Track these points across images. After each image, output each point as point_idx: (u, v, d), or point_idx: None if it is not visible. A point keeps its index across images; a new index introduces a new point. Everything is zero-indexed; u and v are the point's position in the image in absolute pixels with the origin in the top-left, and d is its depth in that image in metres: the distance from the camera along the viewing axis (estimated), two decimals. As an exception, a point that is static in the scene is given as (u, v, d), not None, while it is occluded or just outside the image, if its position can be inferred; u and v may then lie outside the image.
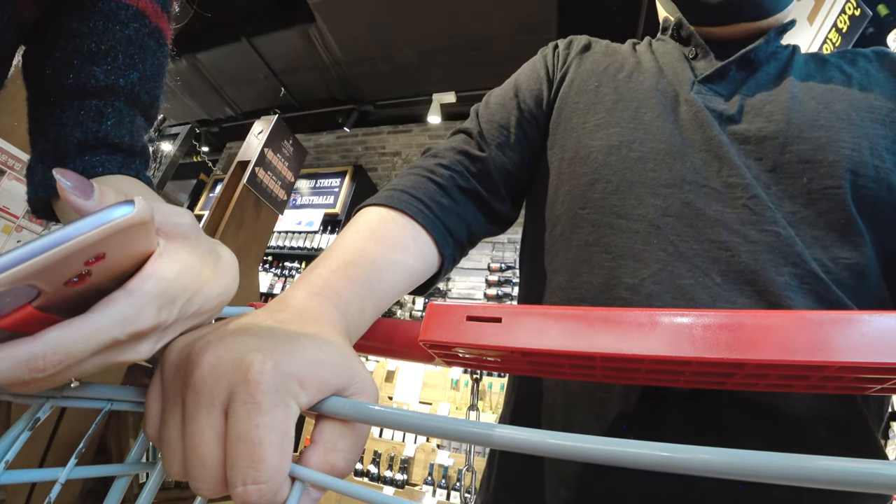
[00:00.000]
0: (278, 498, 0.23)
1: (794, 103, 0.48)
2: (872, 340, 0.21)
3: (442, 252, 0.48)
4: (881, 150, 0.44)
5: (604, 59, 0.60)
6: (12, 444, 0.22)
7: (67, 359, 0.20)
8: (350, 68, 4.36)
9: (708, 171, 0.46)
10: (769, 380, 0.27)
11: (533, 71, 0.62)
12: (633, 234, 0.46)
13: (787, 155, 0.45)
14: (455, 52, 3.87)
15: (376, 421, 0.24)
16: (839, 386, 0.25)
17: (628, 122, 0.51)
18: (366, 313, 0.37)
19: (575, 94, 0.57)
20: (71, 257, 0.18)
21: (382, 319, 0.41)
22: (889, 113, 0.46)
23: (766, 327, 0.24)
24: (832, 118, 0.46)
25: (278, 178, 3.17)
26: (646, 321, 0.30)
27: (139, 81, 0.42)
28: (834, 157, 0.43)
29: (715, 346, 0.26)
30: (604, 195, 0.49)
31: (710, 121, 0.48)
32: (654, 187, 0.47)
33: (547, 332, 0.33)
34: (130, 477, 0.27)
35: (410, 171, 0.52)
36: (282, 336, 0.26)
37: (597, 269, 0.47)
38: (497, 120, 0.57)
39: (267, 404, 0.23)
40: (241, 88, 4.85)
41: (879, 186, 0.43)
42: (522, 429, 0.21)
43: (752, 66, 0.53)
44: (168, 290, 0.24)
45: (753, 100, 0.50)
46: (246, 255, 2.77)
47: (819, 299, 0.40)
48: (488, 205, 0.55)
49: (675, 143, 0.48)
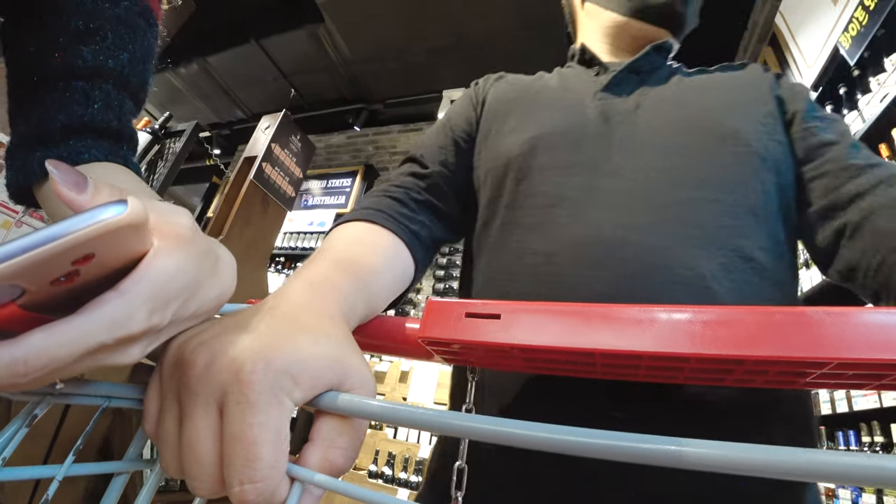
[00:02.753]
0: (276, 497, 0.23)
1: (682, 95, 0.59)
2: (872, 336, 0.20)
3: (414, 255, 0.53)
4: (754, 121, 0.55)
5: (516, 82, 0.71)
6: (9, 441, 0.22)
7: (51, 363, 0.19)
8: (359, 68, 4.37)
9: (602, 156, 0.54)
10: (768, 376, 0.26)
11: (461, 103, 0.72)
12: (539, 209, 0.54)
13: (682, 129, 0.55)
14: (464, 49, 3.86)
15: (374, 415, 0.24)
16: (838, 383, 0.25)
17: (537, 123, 0.60)
18: (357, 311, 0.37)
19: (494, 109, 0.67)
20: (56, 258, 0.17)
21: (381, 316, 0.41)
22: (755, 98, 0.59)
23: (766, 324, 0.24)
24: (715, 102, 0.58)
25: (286, 174, 3.07)
26: (645, 317, 0.29)
27: (129, 63, 0.39)
28: (717, 126, 0.54)
29: (714, 342, 0.26)
30: (515, 182, 0.57)
31: (609, 119, 0.58)
32: (557, 169, 0.55)
33: (546, 328, 0.32)
34: (129, 475, 0.27)
35: (369, 195, 0.58)
36: (276, 332, 0.26)
37: (511, 245, 0.54)
38: (436, 143, 0.66)
39: (260, 403, 0.23)
40: (251, 91, 4.89)
41: (759, 146, 0.53)
42: (520, 422, 0.21)
43: (643, 75, 0.63)
44: (161, 292, 0.22)
45: (649, 97, 0.60)
46: (253, 252, 2.70)
47: (693, 238, 0.47)
48: (442, 212, 0.61)
49: (576, 136, 0.57)
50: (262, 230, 2.80)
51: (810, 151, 0.55)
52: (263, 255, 2.82)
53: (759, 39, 2.95)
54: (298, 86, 4.72)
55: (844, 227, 0.48)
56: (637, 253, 0.46)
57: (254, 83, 4.74)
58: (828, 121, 0.57)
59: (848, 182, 0.50)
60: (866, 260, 0.45)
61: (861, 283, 0.46)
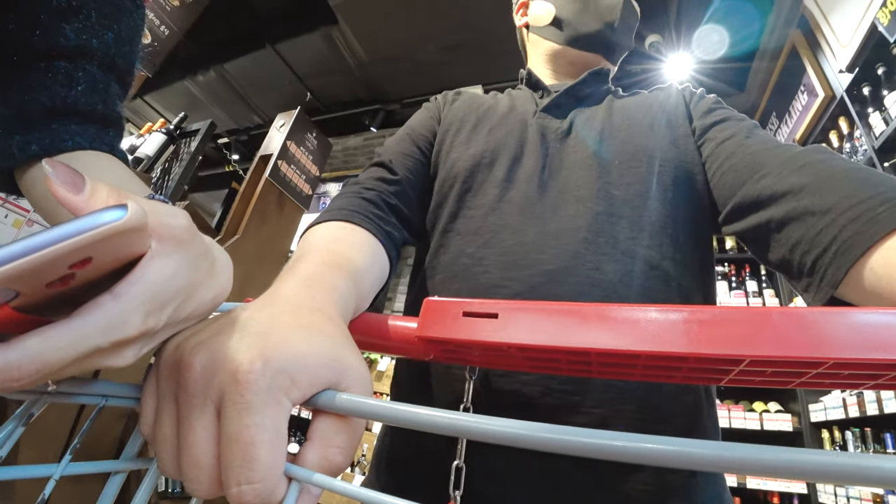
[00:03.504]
0: (274, 498, 0.23)
1: (609, 117, 0.66)
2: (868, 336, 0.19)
3: (389, 255, 0.55)
4: (669, 142, 0.61)
5: (471, 100, 0.76)
6: (6, 440, 0.22)
7: (45, 367, 0.19)
8: (374, 68, 4.38)
9: (536, 169, 0.61)
10: (765, 376, 0.25)
11: (423, 115, 0.78)
12: (476, 217, 0.59)
13: (604, 147, 0.61)
14: (479, 45, 3.83)
15: (372, 415, 0.24)
16: (834, 382, 0.24)
17: (483, 139, 0.66)
18: (350, 308, 0.37)
19: (448, 123, 0.73)
20: (53, 262, 0.17)
21: (378, 315, 0.41)
22: (668, 122, 0.65)
23: (764, 324, 0.23)
24: (635, 124, 0.64)
25: (302, 172, 3.00)
26: (641, 317, 0.29)
27: (114, 43, 0.37)
28: (634, 147, 0.60)
29: (712, 341, 0.25)
30: (459, 193, 0.63)
31: (544, 137, 0.64)
32: (496, 182, 0.61)
33: (543, 327, 0.32)
34: (126, 474, 0.27)
35: (340, 195, 0.60)
36: (273, 332, 0.26)
37: (451, 249, 0.59)
38: (401, 150, 0.70)
39: (258, 403, 0.22)
40: (268, 95, 4.95)
41: (669, 164, 0.59)
42: (519, 422, 0.20)
43: (580, 98, 0.71)
44: (158, 295, 0.22)
45: (581, 118, 0.67)
46: (269, 251, 2.64)
47: (603, 246, 0.53)
48: (408, 219, 0.64)
49: (516, 153, 0.63)
50: (278, 229, 2.75)
51: (711, 156, 0.59)
52: (280, 254, 2.77)
53: (786, 23, 2.83)
54: (314, 89, 4.75)
55: (769, 220, 0.48)
56: (553, 257, 0.52)
57: (270, 88, 4.80)
58: (724, 121, 0.62)
59: (752, 170, 0.51)
60: (798, 256, 0.44)
61: (795, 275, 0.46)
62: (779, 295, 3.01)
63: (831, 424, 2.50)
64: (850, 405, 2.28)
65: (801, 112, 2.68)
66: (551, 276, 0.51)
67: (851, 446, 2.33)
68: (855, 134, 2.25)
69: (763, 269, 3.12)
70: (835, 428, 2.48)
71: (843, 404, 2.32)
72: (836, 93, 2.35)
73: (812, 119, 2.54)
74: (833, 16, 2.43)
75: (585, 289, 0.49)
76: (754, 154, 0.52)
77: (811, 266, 0.42)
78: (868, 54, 2.15)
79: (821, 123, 2.52)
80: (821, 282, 0.41)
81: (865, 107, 2.16)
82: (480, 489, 0.45)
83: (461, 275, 0.56)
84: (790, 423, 2.65)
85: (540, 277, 0.51)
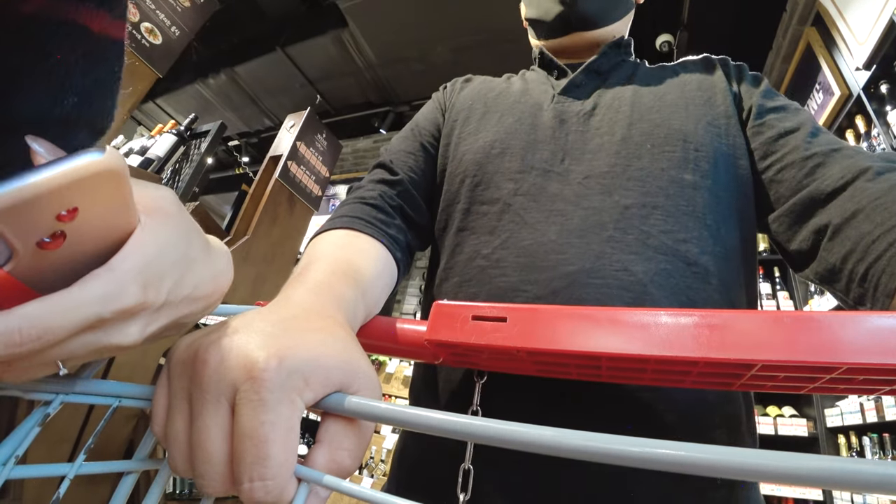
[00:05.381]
0: (285, 496, 0.23)
1: (637, 98, 0.59)
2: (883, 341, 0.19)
3: (396, 260, 0.53)
4: (704, 123, 0.55)
5: (480, 86, 0.71)
6: (23, 439, 0.23)
7: (46, 333, 0.19)
8: (384, 71, 4.40)
9: (553, 159, 0.55)
10: (777, 381, 0.25)
11: (429, 107, 0.73)
12: (491, 215, 0.55)
13: (633, 131, 0.55)
14: (490, 45, 3.82)
15: (381, 418, 0.24)
16: (847, 388, 0.23)
17: (493, 128, 0.61)
18: (358, 317, 0.37)
19: (456, 113, 0.68)
20: (38, 202, 0.17)
21: (388, 318, 0.41)
22: (707, 100, 0.58)
23: (776, 328, 0.23)
24: (668, 104, 0.57)
25: (312, 173, 3.00)
26: (651, 321, 0.29)
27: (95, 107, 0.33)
28: (668, 129, 0.54)
29: (722, 346, 0.25)
30: (471, 188, 0.58)
31: (564, 122, 0.58)
32: (509, 174, 0.56)
33: (552, 332, 0.32)
34: (138, 475, 0.28)
35: (343, 203, 0.59)
36: (287, 333, 0.26)
37: (465, 249, 0.55)
38: (403, 148, 0.66)
39: (272, 401, 0.23)
40: (279, 98, 4.99)
41: (707, 148, 0.53)
42: (527, 426, 0.20)
43: (602, 76, 0.64)
44: (152, 264, 0.22)
45: (605, 99, 0.60)
46: (280, 252, 2.64)
47: (639, 242, 0.48)
48: (412, 219, 0.62)
49: (529, 141, 0.58)
50: (288, 230, 2.76)
51: (768, 146, 0.54)
52: (291, 255, 2.78)
53: (801, 20, 2.78)
54: (324, 91, 4.79)
55: (825, 227, 0.45)
56: (575, 257, 0.47)
57: (280, 91, 4.84)
58: (784, 110, 0.56)
59: (816, 172, 0.48)
60: (850, 266, 0.42)
61: (843, 288, 0.44)
62: (793, 297, 2.95)
63: (848, 430, 2.45)
64: (867, 410, 2.23)
65: (816, 110, 2.63)
66: (573, 278, 0.46)
67: (869, 453, 2.28)
68: (872, 132, 2.20)
69: (777, 272, 3.07)
70: (851, 433, 2.43)
71: (861, 409, 2.27)
72: (853, 91, 2.30)
73: (828, 117, 2.49)
74: (849, 12, 2.38)
75: (612, 291, 0.45)
76: (825, 155, 0.48)
77: (863, 274, 0.40)
78: (886, 51, 2.09)
79: (837, 122, 2.47)
80: (875, 291, 0.38)
81: (883, 105, 2.11)
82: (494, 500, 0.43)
83: (477, 278, 0.52)
84: (805, 427, 2.59)
85: (561, 280, 0.46)
